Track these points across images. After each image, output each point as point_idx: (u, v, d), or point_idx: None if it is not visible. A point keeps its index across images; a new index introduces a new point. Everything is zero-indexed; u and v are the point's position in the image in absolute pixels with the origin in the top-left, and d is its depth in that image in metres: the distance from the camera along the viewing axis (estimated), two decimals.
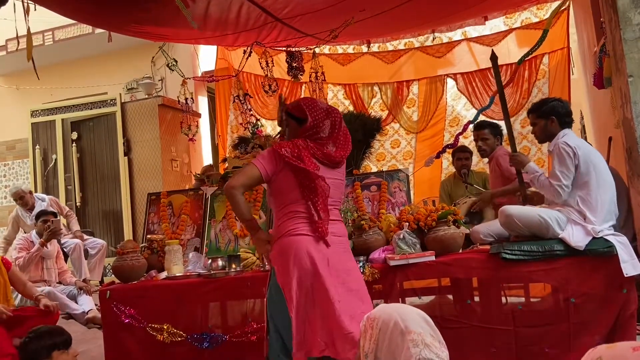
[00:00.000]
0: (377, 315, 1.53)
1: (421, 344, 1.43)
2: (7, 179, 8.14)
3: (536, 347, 2.93)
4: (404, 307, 1.56)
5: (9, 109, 8.10)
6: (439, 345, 1.47)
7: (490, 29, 6.93)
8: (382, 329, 1.47)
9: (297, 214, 2.54)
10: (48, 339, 2.80)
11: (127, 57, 7.45)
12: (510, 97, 6.72)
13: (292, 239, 2.50)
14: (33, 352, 2.74)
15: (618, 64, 3.17)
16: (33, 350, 2.75)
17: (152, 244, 3.92)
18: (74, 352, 2.84)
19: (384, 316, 1.50)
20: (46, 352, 2.74)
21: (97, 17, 4.46)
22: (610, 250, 2.86)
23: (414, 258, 3.09)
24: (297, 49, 5.78)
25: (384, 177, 4.06)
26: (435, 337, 1.48)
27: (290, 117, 2.68)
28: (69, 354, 2.80)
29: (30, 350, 2.76)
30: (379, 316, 1.52)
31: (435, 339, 1.47)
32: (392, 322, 1.46)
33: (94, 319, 4.56)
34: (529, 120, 3.44)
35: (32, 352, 2.74)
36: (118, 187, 6.98)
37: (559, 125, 3.25)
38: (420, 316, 1.50)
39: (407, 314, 1.49)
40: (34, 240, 4.85)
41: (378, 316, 1.52)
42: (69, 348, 2.82)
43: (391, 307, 1.57)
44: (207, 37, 5.33)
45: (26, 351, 2.78)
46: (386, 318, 1.49)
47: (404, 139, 7.34)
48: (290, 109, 2.70)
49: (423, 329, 1.46)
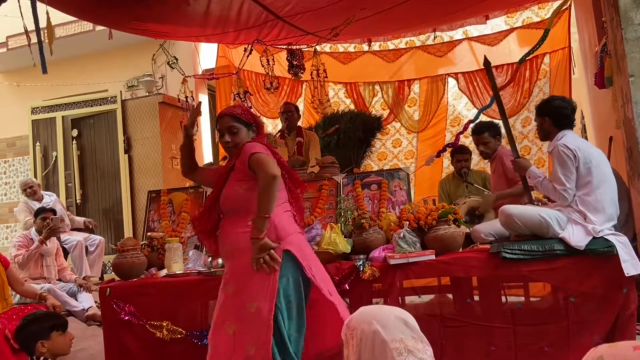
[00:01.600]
0: (355, 324, 1.48)
1: (404, 351, 1.40)
2: (7, 176, 8.15)
3: (535, 346, 2.94)
4: (382, 312, 1.50)
5: (9, 105, 8.09)
6: (422, 346, 1.44)
7: (492, 29, 6.92)
8: (363, 339, 1.44)
9: (290, 214, 2.58)
10: (47, 320, 2.86)
11: (128, 55, 7.45)
12: (511, 96, 6.72)
13: (300, 237, 2.58)
14: (33, 333, 2.79)
15: (619, 63, 3.17)
16: (33, 331, 2.79)
17: (152, 242, 3.92)
18: (70, 335, 2.90)
19: (363, 325, 1.45)
20: (46, 333, 2.78)
21: (97, 14, 4.46)
22: (611, 250, 2.86)
23: (414, 257, 3.09)
24: (298, 47, 5.78)
25: (385, 175, 4.05)
26: (417, 338, 1.45)
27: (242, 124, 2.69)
28: (65, 336, 2.85)
29: (30, 331, 2.80)
30: (357, 325, 1.47)
31: (418, 340, 1.44)
32: (372, 332, 1.42)
33: (93, 316, 4.56)
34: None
35: (32, 333, 2.78)
36: (118, 185, 6.98)
37: (552, 125, 3.23)
38: (399, 319, 1.46)
39: (385, 320, 1.44)
40: (33, 238, 4.85)
41: (357, 325, 1.48)
42: (66, 331, 2.88)
43: (369, 312, 1.51)
44: (207, 34, 5.33)
45: (26, 332, 2.81)
46: (365, 328, 1.44)
47: (405, 139, 7.35)
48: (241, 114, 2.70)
49: (404, 334, 1.43)
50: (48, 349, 2.80)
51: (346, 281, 3.15)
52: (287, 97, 7.05)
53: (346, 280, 3.15)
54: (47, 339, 2.80)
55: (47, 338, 2.80)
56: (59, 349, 2.84)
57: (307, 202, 4.07)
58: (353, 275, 3.15)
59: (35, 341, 2.78)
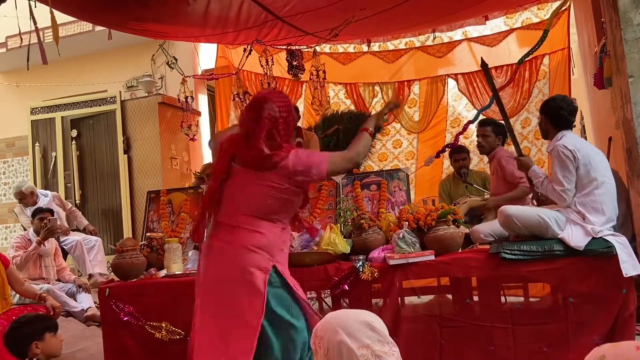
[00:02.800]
0: (322, 333, 1.46)
1: (372, 357, 1.39)
2: (7, 176, 8.14)
3: (534, 346, 2.93)
4: (346, 318, 1.47)
5: (8, 106, 8.09)
6: (389, 348, 1.43)
7: (491, 29, 6.92)
8: (330, 349, 1.42)
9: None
10: (40, 322, 2.88)
11: (127, 55, 7.45)
12: (510, 97, 6.72)
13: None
14: (26, 335, 2.79)
15: (618, 64, 3.17)
16: (26, 333, 2.79)
17: (151, 242, 3.91)
18: (60, 337, 2.93)
19: (329, 334, 1.44)
20: (39, 334, 2.79)
21: (97, 15, 4.46)
22: (610, 251, 2.87)
23: (413, 257, 3.09)
24: (297, 48, 5.78)
25: (384, 176, 4.06)
26: (383, 340, 1.43)
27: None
28: (57, 337, 2.87)
29: (24, 333, 2.80)
30: (324, 334, 1.45)
31: (384, 342, 1.43)
32: (338, 341, 1.41)
33: (93, 316, 4.55)
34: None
35: (25, 335, 2.79)
36: (118, 185, 6.98)
37: (551, 125, 3.24)
38: (363, 323, 1.44)
39: (350, 326, 1.43)
40: (31, 239, 4.84)
41: (323, 334, 1.46)
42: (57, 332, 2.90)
43: (334, 319, 1.48)
44: (207, 35, 5.32)
45: (19, 334, 2.81)
46: (331, 336, 1.43)
47: (406, 139, 7.35)
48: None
49: (370, 339, 1.41)
50: (42, 350, 2.80)
51: (345, 281, 3.14)
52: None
53: (345, 281, 3.15)
54: (41, 340, 2.80)
55: (41, 339, 2.80)
56: (51, 350, 2.85)
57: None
58: (352, 276, 3.15)
59: (29, 343, 2.78)
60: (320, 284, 3.29)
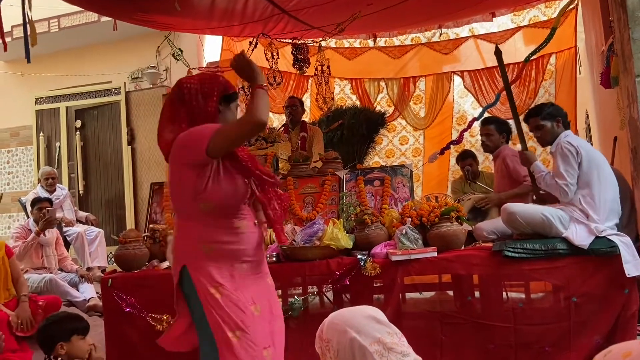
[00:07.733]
0: (329, 335, 1.45)
1: (385, 350, 1.38)
2: (11, 166, 8.15)
3: (536, 346, 2.93)
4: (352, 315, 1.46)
5: (13, 95, 8.09)
6: (398, 338, 1.43)
7: (498, 27, 6.89)
8: (340, 350, 1.41)
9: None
10: (69, 323, 2.82)
11: (132, 46, 7.44)
12: (516, 96, 6.66)
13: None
14: (53, 335, 2.76)
15: (626, 63, 3.15)
16: (53, 333, 2.76)
17: (154, 234, 3.92)
18: (89, 341, 2.85)
19: (337, 335, 1.42)
20: (66, 336, 2.76)
21: (102, 5, 4.45)
22: (613, 250, 2.86)
23: (415, 254, 3.09)
24: (303, 42, 5.76)
25: (388, 172, 4.05)
26: (391, 332, 1.43)
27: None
28: (85, 341, 2.81)
29: (51, 332, 2.77)
30: (331, 336, 1.44)
31: (393, 334, 1.43)
32: (348, 340, 1.40)
33: (95, 306, 4.57)
34: (530, 124, 3.39)
35: (53, 335, 2.76)
36: (121, 176, 6.98)
37: (562, 126, 3.27)
38: (369, 318, 1.44)
39: (357, 323, 1.42)
40: (31, 229, 4.83)
41: (330, 336, 1.44)
42: (86, 336, 2.84)
43: (339, 319, 1.47)
44: (213, 27, 5.31)
45: (46, 333, 2.79)
46: (340, 337, 1.41)
47: (412, 136, 7.34)
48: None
49: (379, 332, 1.41)
50: (67, 352, 2.76)
51: (347, 277, 3.15)
52: (292, 92, 7.02)
53: (347, 276, 3.15)
54: (67, 341, 2.76)
55: (67, 341, 2.76)
56: (77, 352, 2.79)
57: (310, 197, 4.07)
58: (354, 271, 3.15)
59: (55, 342, 2.74)
60: (322, 279, 3.29)
